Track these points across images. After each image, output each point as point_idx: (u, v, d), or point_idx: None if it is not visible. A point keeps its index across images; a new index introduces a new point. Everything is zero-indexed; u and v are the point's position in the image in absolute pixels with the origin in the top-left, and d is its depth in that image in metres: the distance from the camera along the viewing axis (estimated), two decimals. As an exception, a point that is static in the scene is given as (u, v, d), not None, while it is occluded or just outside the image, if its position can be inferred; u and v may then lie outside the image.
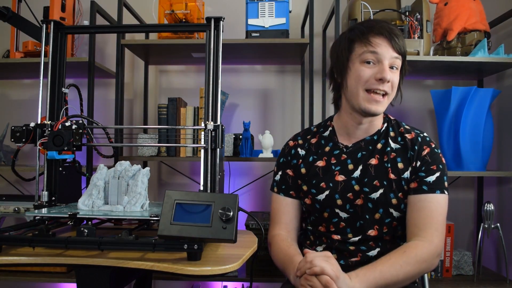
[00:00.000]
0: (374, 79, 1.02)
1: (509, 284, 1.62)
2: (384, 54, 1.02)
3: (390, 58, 1.03)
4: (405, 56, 1.07)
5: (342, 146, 1.14)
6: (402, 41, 1.04)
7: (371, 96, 1.03)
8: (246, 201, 2.07)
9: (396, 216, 1.07)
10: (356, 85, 1.05)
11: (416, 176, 1.06)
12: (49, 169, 1.14)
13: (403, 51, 1.05)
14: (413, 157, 1.07)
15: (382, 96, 1.04)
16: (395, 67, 1.04)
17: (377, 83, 1.02)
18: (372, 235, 1.06)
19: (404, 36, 1.62)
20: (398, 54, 1.03)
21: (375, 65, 1.03)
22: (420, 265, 0.97)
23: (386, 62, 1.02)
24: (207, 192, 1.03)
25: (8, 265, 1.06)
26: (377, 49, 1.02)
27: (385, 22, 1.07)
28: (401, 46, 1.04)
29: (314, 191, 1.11)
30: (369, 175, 1.07)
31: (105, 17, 1.83)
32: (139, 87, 2.10)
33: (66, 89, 1.19)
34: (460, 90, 1.65)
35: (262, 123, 2.09)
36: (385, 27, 1.04)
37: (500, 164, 1.91)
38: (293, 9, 1.80)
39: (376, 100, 1.03)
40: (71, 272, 1.67)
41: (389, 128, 1.14)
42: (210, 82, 1.06)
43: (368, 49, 1.03)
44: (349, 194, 1.08)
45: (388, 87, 1.04)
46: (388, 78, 1.01)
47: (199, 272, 0.84)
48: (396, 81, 1.05)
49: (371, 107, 1.04)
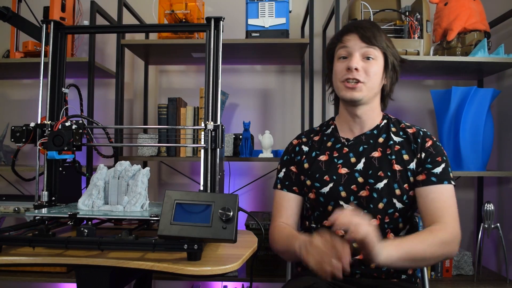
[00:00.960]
0: (345, 70, 1.10)
1: (509, 284, 1.62)
2: (353, 47, 1.10)
3: (360, 49, 1.09)
4: (385, 49, 1.10)
5: (344, 140, 1.17)
6: (373, 33, 1.09)
7: (345, 84, 1.11)
8: (246, 201, 2.07)
9: (398, 207, 1.09)
10: (335, 79, 1.14)
11: (423, 168, 1.09)
12: (49, 169, 1.14)
13: (376, 42, 1.09)
14: (417, 149, 1.12)
15: (355, 83, 1.09)
16: (370, 57, 1.09)
17: (347, 73, 1.10)
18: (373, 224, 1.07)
19: (404, 36, 1.63)
20: (368, 44, 1.09)
21: (347, 58, 1.11)
22: (445, 247, 0.99)
23: (356, 54, 1.09)
24: (207, 192, 1.03)
25: (8, 265, 1.05)
26: (347, 43, 1.11)
27: (362, 20, 1.16)
28: (370, 37, 1.09)
29: (318, 185, 1.13)
30: (373, 167, 1.10)
31: (105, 17, 1.83)
32: (139, 87, 2.10)
33: (66, 89, 1.19)
34: (460, 90, 1.65)
35: (262, 123, 2.09)
36: (356, 23, 1.14)
37: (500, 164, 1.91)
38: (293, 9, 1.80)
39: (350, 87, 1.10)
40: (71, 272, 1.67)
41: (389, 124, 1.18)
42: (210, 82, 1.06)
43: (341, 46, 1.12)
44: (353, 186, 1.10)
45: (360, 75, 1.09)
46: (354, 66, 1.07)
47: (199, 272, 0.84)
48: (371, 69, 1.09)
49: (346, 94, 1.11)
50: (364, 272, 1.07)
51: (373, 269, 1.07)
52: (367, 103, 1.13)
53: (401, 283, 1.08)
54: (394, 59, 1.13)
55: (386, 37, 1.13)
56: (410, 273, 1.13)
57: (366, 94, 1.10)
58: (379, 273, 1.08)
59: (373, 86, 1.11)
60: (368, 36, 1.09)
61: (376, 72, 1.10)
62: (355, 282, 1.07)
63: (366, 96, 1.10)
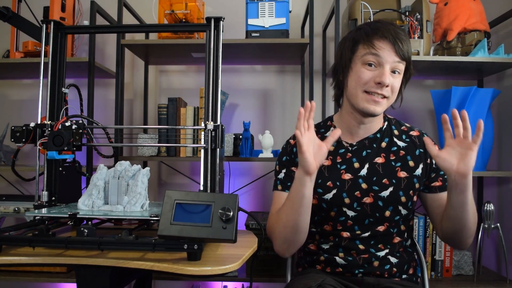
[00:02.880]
0: (374, 82, 1.02)
1: (509, 284, 1.62)
2: (386, 58, 1.02)
3: (392, 63, 1.02)
4: (410, 61, 1.06)
5: (347, 145, 1.14)
6: (407, 46, 1.03)
7: (369, 97, 1.04)
8: (246, 201, 2.07)
9: (403, 214, 1.09)
10: (356, 86, 1.05)
11: (437, 175, 1.11)
12: (49, 169, 1.14)
13: (407, 56, 1.04)
14: (424, 154, 1.11)
15: (381, 98, 1.04)
16: (397, 71, 1.04)
17: (376, 86, 1.02)
18: (381, 230, 1.08)
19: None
20: (401, 59, 1.03)
21: (376, 68, 1.03)
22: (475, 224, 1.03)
23: (387, 67, 1.02)
24: (207, 192, 1.03)
25: (8, 265, 1.06)
26: (379, 52, 1.02)
27: (393, 25, 1.05)
28: (405, 51, 1.03)
29: (320, 191, 1.11)
30: (377, 173, 1.09)
31: (105, 17, 1.83)
32: (139, 87, 2.10)
33: (66, 89, 1.19)
34: (460, 90, 1.65)
35: (262, 123, 2.09)
36: (391, 30, 1.03)
37: (500, 164, 1.91)
38: (293, 9, 1.80)
39: (375, 101, 1.04)
40: (71, 272, 1.67)
41: (390, 126, 1.16)
42: (210, 82, 1.06)
43: (371, 51, 1.03)
44: (357, 192, 1.09)
45: (387, 91, 1.03)
46: (387, 82, 1.01)
47: (199, 272, 0.84)
48: (396, 85, 1.05)
49: (369, 107, 1.04)
50: (366, 271, 1.08)
51: (376, 267, 1.07)
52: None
53: (402, 282, 1.09)
54: (411, 69, 1.09)
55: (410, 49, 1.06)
56: (411, 272, 1.14)
57: (385, 108, 1.07)
58: (381, 272, 1.08)
59: (393, 100, 1.08)
60: (403, 50, 1.02)
61: (399, 86, 1.06)
62: (358, 281, 1.07)
63: (385, 110, 1.08)
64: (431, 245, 1.66)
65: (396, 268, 1.09)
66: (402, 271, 1.11)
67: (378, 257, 1.08)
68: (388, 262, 1.08)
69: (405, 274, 1.12)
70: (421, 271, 1.24)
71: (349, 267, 1.08)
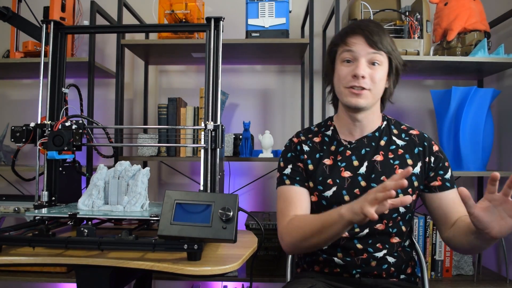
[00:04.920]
0: (350, 76, 1.06)
1: (509, 284, 1.62)
2: (360, 52, 1.05)
3: (367, 55, 1.05)
4: (391, 52, 1.07)
5: (346, 143, 1.15)
6: (380, 37, 1.05)
7: (350, 90, 1.07)
8: (246, 201, 2.07)
9: (401, 212, 1.09)
10: (338, 84, 1.10)
11: (436, 174, 1.10)
12: (49, 169, 1.14)
13: (384, 46, 1.05)
14: (423, 152, 1.12)
15: (360, 90, 1.06)
16: (376, 62, 1.06)
17: (353, 80, 1.06)
18: (379, 229, 1.08)
19: (404, 36, 1.63)
20: (376, 50, 1.05)
21: (353, 63, 1.07)
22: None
23: (362, 59, 1.05)
24: (207, 192, 1.03)
25: (8, 265, 1.06)
26: (353, 47, 1.06)
27: (368, 21, 1.10)
28: (378, 42, 1.05)
29: (320, 188, 1.12)
30: (376, 171, 1.09)
31: (105, 17, 1.83)
32: (139, 87, 2.10)
33: (66, 89, 1.19)
34: (460, 90, 1.65)
35: (262, 123, 2.09)
36: (362, 25, 1.07)
37: (500, 164, 1.91)
38: (293, 9, 1.80)
39: (355, 93, 1.06)
40: (71, 272, 1.67)
41: (389, 126, 1.17)
42: (210, 82, 1.06)
43: (345, 48, 1.07)
44: (356, 190, 1.09)
45: (366, 83, 1.05)
46: (361, 73, 1.04)
47: (199, 272, 0.84)
48: (377, 76, 1.06)
49: (351, 100, 1.07)
50: (364, 271, 1.08)
51: (374, 267, 1.07)
52: (369, 108, 1.11)
53: (400, 283, 1.09)
54: (398, 62, 1.10)
55: (391, 39, 1.09)
56: (410, 272, 1.14)
57: (370, 101, 1.08)
58: (379, 272, 1.08)
59: (378, 93, 1.09)
60: (375, 40, 1.04)
61: (381, 78, 1.07)
62: (355, 282, 1.07)
63: (371, 102, 1.08)
64: (431, 245, 1.66)
65: (394, 268, 1.09)
66: (400, 271, 1.11)
67: (376, 258, 1.07)
68: (386, 262, 1.08)
69: (403, 274, 1.12)
70: (420, 271, 1.24)
71: (347, 267, 1.08)
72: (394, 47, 1.09)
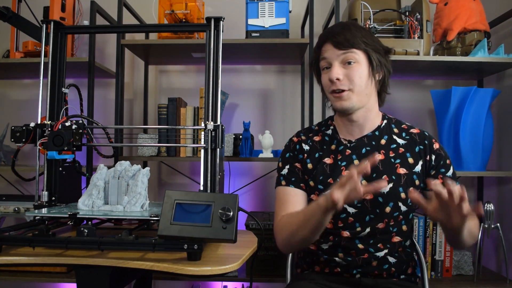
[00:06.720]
0: (329, 81, 1.09)
1: (509, 284, 1.62)
2: (331, 56, 1.09)
3: (337, 57, 1.07)
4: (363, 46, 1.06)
5: (346, 142, 1.16)
6: (345, 36, 1.06)
7: (333, 95, 1.10)
8: (246, 201, 2.07)
9: (403, 210, 1.09)
10: (325, 92, 1.15)
11: (437, 172, 1.10)
12: (49, 169, 1.14)
13: (351, 43, 1.06)
14: (423, 151, 1.12)
15: (340, 92, 1.08)
16: (351, 61, 1.07)
17: (331, 84, 1.09)
18: (380, 227, 1.08)
19: (404, 36, 1.63)
20: (345, 49, 1.06)
21: (329, 69, 1.10)
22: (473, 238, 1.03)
23: (335, 63, 1.08)
24: (207, 192, 1.03)
25: (8, 265, 1.06)
26: (325, 54, 1.10)
27: (335, 25, 1.14)
28: (343, 41, 1.06)
29: (321, 187, 1.12)
30: (377, 170, 1.09)
31: (105, 17, 1.83)
32: (139, 87, 2.10)
33: (66, 89, 1.19)
34: (460, 90, 1.65)
35: (262, 123, 2.09)
36: (328, 31, 1.11)
37: (500, 164, 1.91)
38: (293, 9, 1.80)
39: (337, 97, 1.09)
40: (71, 272, 1.67)
41: (390, 124, 1.17)
42: (210, 82, 1.06)
43: (321, 57, 1.12)
44: None
45: (344, 84, 1.07)
46: (334, 77, 1.06)
47: (199, 272, 0.84)
48: (354, 74, 1.06)
49: (336, 104, 1.10)
50: (365, 271, 1.08)
51: (374, 267, 1.07)
52: (361, 107, 1.11)
53: (401, 283, 1.09)
54: (378, 54, 1.09)
55: (363, 34, 1.08)
56: (410, 272, 1.14)
57: (356, 100, 1.08)
58: (380, 272, 1.08)
59: (361, 90, 1.08)
60: (340, 41, 1.06)
61: (361, 75, 1.07)
62: (355, 282, 1.07)
63: (357, 102, 1.08)
64: (431, 245, 1.66)
65: (394, 268, 1.09)
66: (401, 271, 1.11)
67: (377, 257, 1.08)
68: (386, 262, 1.08)
69: (404, 274, 1.12)
70: (420, 271, 1.24)
71: (348, 267, 1.08)
72: (370, 39, 1.08)
